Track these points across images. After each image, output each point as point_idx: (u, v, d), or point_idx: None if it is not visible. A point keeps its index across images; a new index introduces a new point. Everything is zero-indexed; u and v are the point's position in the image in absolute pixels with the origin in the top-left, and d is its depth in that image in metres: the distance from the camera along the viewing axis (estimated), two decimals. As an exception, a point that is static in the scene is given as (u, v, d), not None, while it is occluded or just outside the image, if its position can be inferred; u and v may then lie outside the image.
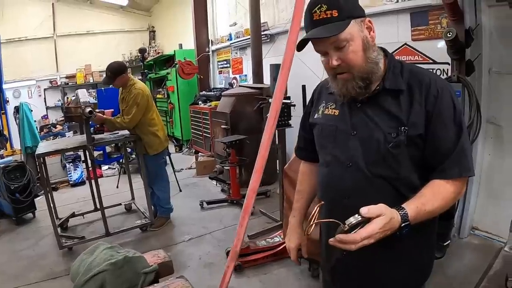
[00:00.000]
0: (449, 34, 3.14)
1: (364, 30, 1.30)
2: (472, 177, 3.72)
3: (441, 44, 3.77)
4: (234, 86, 7.89)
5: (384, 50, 1.41)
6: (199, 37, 9.02)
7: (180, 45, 9.85)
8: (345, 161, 1.41)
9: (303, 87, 4.21)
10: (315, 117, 1.59)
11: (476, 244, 3.79)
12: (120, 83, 4.46)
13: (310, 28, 1.29)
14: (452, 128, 1.30)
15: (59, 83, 11.95)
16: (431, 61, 4.01)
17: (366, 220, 1.12)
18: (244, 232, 1.12)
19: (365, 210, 1.11)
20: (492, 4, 3.39)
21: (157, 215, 4.84)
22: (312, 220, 1.25)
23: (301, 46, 1.32)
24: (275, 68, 4.44)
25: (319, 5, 1.25)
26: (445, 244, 3.43)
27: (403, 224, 1.17)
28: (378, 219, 1.12)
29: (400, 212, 1.18)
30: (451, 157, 1.29)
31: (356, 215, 1.12)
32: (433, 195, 1.27)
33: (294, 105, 4.28)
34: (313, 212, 1.26)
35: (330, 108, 1.51)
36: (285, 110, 4.26)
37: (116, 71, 4.38)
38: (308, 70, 4.70)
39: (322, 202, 1.31)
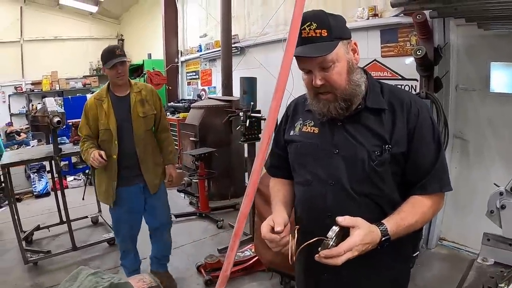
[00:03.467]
0: (419, 52, 3.24)
1: (350, 52, 1.32)
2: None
3: (410, 60, 3.90)
4: (202, 98, 7.84)
5: (365, 71, 1.43)
6: (169, 47, 8.99)
7: (149, 55, 9.76)
8: (327, 179, 1.40)
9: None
10: (291, 134, 1.54)
11: (444, 254, 3.91)
12: (127, 70, 3.11)
13: (297, 45, 1.28)
14: (432, 145, 1.34)
15: (24, 90, 11.57)
16: (399, 77, 4.14)
17: (345, 232, 1.17)
18: (234, 256, 1.07)
19: (340, 219, 1.16)
20: (460, 24, 3.54)
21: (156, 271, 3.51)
22: (294, 245, 1.26)
23: None
24: (246, 81, 4.47)
25: (309, 23, 1.24)
26: (414, 255, 3.50)
27: (383, 239, 1.21)
28: (357, 232, 1.15)
29: (380, 228, 1.22)
30: (432, 173, 1.33)
31: (334, 226, 1.17)
32: (412, 210, 1.31)
33: (264, 119, 4.27)
34: (292, 238, 1.28)
35: (309, 126, 1.49)
36: (255, 124, 4.28)
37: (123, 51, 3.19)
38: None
39: (298, 226, 1.32)
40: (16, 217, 4.12)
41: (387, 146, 1.32)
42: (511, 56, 3.35)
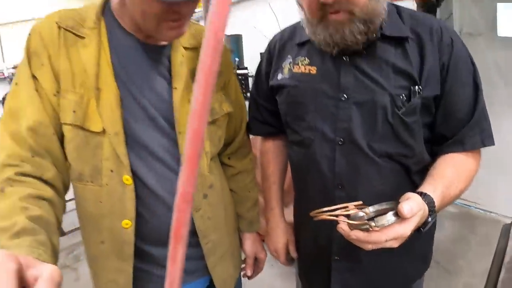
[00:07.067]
0: (420, -8, 2.96)
1: None
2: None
3: (407, 3, 3.60)
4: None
5: None
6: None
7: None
8: (334, 137, 1.00)
9: (261, 54, 3.93)
10: (279, 78, 1.11)
11: (453, 212, 3.71)
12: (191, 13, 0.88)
13: None
14: (469, 86, 0.98)
15: (6, 75, 11.09)
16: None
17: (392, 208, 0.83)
18: (179, 271, 0.35)
19: (407, 209, 0.77)
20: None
21: None
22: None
23: None
24: (231, 39, 4.22)
25: None
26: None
27: (430, 218, 0.85)
28: (416, 216, 0.80)
29: (426, 202, 0.85)
30: (471, 123, 0.97)
31: (389, 214, 0.79)
32: (458, 176, 0.95)
33: (252, 76, 3.95)
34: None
35: (302, 64, 1.05)
36: (243, 82, 3.94)
37: None
38: (264, 38, 4.48)
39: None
40: None
41: (416, 87, 0.93)
42: (519, -5, 3.03)
